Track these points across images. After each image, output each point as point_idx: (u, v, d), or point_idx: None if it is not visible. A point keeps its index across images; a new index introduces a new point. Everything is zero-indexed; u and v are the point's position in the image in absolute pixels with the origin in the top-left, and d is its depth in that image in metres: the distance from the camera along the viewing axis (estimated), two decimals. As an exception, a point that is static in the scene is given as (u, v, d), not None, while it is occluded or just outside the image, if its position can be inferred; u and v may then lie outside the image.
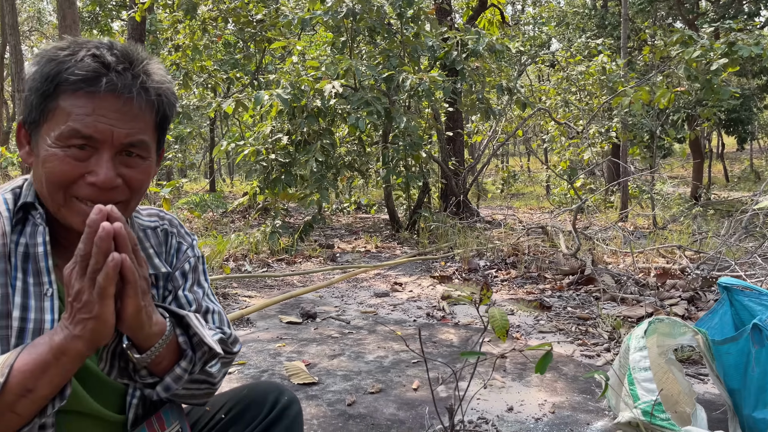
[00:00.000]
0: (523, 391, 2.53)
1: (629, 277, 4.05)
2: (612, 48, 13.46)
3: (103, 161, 0.94)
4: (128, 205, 1.01)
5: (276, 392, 1.31)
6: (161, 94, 1.01)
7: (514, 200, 15.99)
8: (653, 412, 1.80)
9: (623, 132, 10.48)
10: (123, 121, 0.95)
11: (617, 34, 14.48)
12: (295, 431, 1.32)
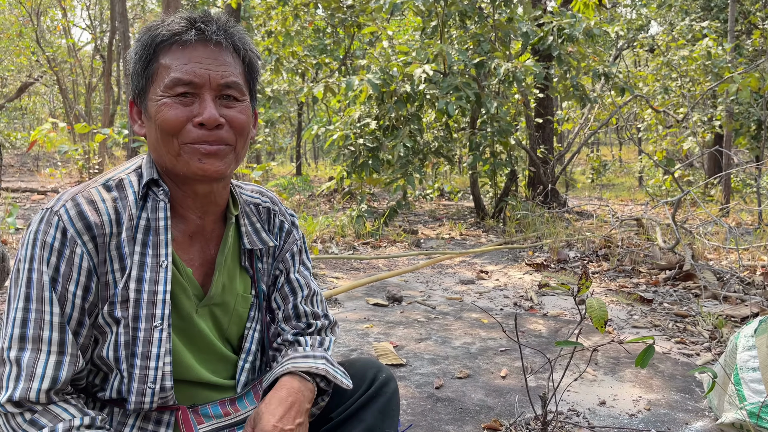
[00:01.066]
0: (616, 385, 2.46)
1: (733, 275, 3.82)
2: (718, 31, 12.61)
3: (207, 102, 1.02)
4: (236, 150, 1.08)
5: (375, 369, 1.34)
6: (246, 44, 1.09)
7: (604, 191, 15.40)
8: (760, 414, 1.70)
9: (728, 121, 9.83)
10: (216, 65, 1.03)
11: (724, 16, 13.53)
12: (392, 407, 1.35)
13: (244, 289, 1.18)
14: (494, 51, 6.41)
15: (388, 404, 1.33)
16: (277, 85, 12.37)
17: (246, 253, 1.19)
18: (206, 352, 1.14)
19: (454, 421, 2.10)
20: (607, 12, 11.21)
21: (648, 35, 13.60)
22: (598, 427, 2.09)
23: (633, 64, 20.23)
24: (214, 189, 1.10)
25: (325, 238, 5.61)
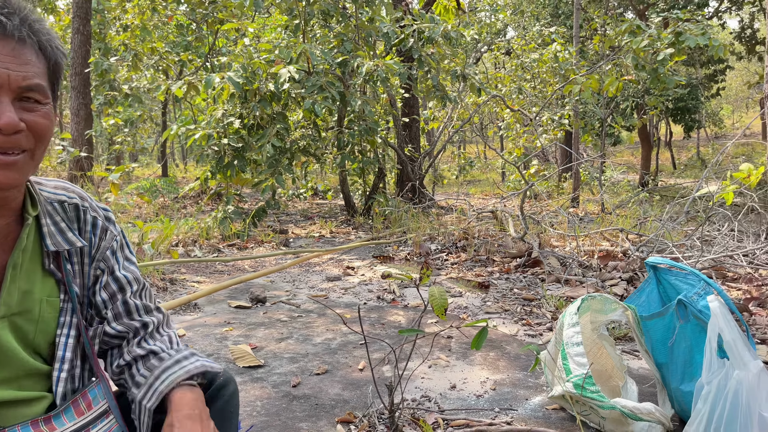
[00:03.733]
0: (466, 369, 2.59)
1: (574, 260, 4.17)
2: (565, 37, 13.70)
3: (4, 105, 0.93)
4: (34, 154, 0.99)
5: (211, 373, 1.32)
6: (52, 42, 1.01)
7: (470, 187, 16.19)
8: (584, 385, 1.87)
9: (575, 119, 10.71)
10: (17, 64, 0.94)
11: (570, 23, 14.74)
12: (230, 409, 1.33)
13: (49, 293, 1.10)
14: (357, 50, 6.50)
15: (226, 407, 1.32)
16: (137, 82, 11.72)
17: (50, 255, 1.11)
18: (9, 367, 1.05)
19: (309, 417, 2.11)
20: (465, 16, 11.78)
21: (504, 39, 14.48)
22: (447, 410, 2.20)
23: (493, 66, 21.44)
24: (8, 195, 1.02)
25: (187, 241, 5.40)
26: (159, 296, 3.73)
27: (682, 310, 1.92)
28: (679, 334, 1.94)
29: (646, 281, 2.24)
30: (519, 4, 15.32)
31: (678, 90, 11.54)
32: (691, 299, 1.91)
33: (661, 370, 2.06)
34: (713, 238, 4.31)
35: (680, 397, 1.95)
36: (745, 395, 1.56)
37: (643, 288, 2.23)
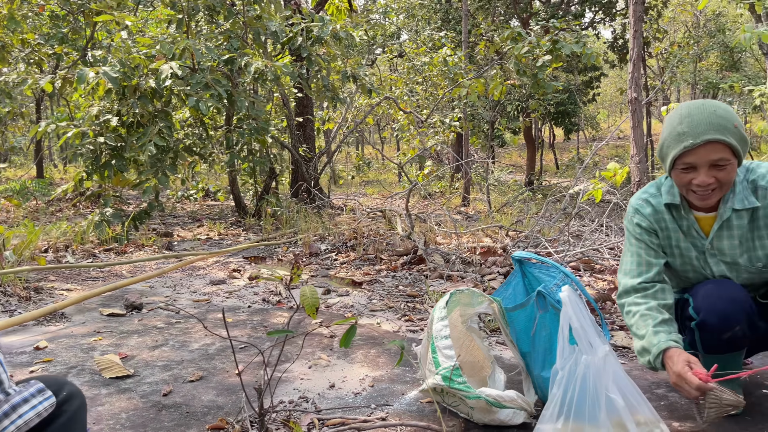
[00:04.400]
0: (347, 368, 2.60)
1: (457, 256, 4.31)
2: (455, 41, 14.16)
3: None
4: None
5: (56, 387, 1.25)
6: None
7: (368, 187, 16.33)
8: (452, 377, 1.93)
9: (464, 122, 11.09)
10: None
11: (460, 28, 15.28)
12: (75, 424, 1.27)
13: None
14: (245, 48, 6.36)
15: (70, 422, 1.25)
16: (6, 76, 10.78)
17: None
18: None
19: (178, 426, 2.02)
20: (358, 17, 11.87)
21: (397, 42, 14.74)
22: (324, 409, 2.19)
23: (388, 69, 21.80)
24: None
25: (59, 247, 5.04)
26: (21, 306, 3.45)
27: (542, 300, 2.03)
28: (539, 324, 2.05)
29: (512, 274, 2.35)
30: (412, 8, 15.65)
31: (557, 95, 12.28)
32: (551, 290, 2.03)
33: (525, 359, 2.16)
34: (583, 233, 4.60)
35: (542, 383, 2.06)
36: (592, 378, 1.67)
37: (510, 281, 2.34)
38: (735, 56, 15.98)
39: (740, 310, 1.84)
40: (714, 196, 1.87)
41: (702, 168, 1.81)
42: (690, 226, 1.99)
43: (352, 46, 16.40)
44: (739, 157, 1.83)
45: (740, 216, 1.91)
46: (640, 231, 2.04)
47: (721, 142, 1.77)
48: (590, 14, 16.75)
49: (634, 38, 5.39)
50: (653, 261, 2.01)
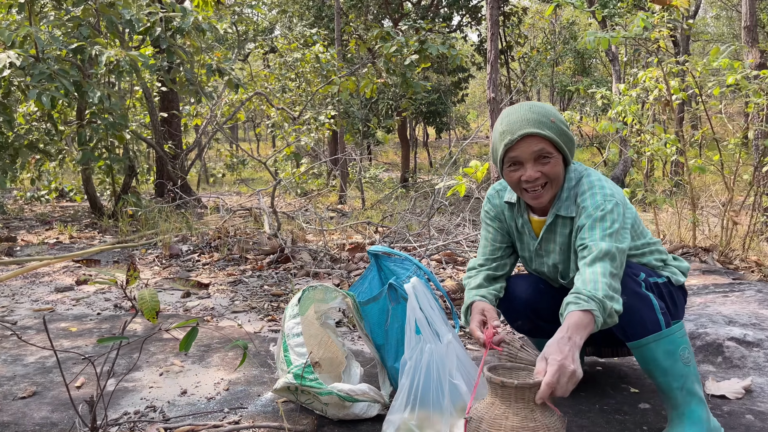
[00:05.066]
0: (201, 372, 2.48)
1: (326, 253, 4.29)
2: (328, 39, 14.16)
3: None
4: None
5: None
6: None
7: (243, 185, 15.90)
8: (303, 375, 1.90)
9: (339, 119, 11.12)
10: None
11: (333, 26, 15.28)
12: None
13: None
14: (96, 37, 5.91)
15: None
16: None
17: None
18: None
19: (0, 450, 1.83)
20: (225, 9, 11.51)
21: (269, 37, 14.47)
22: (173, 417, 2.07)
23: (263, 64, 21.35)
24: None
25: None
26: None
27: (393, 293, 2.05)
28: (392, 316, 2.08)
29: (368, 269, 2.36)
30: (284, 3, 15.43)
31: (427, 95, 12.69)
32: (402, 283, 2.06)
33: (380, 351, 2.18)
34: (447, 227, 4.76)
35: (395, 374, 2.09)
36: (436, 366, 1.71)
37: (366, 275, 2.35)
38: (586, 62, 17.39)
39: (521, 308, 2.10)
40: (545, 194, 1.88)
41: (527, 162, 1.83)
42: (524, 226, 2.06)
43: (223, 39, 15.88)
44: (562, 152, 1.86)
45: (564, 224, 1.94)
46: (489, 218, 2.15)
47: (538, 135, 1.80)
48: (458, 17, 17.45)
49: (491, 41, 5.67)
50: (498, 245, 2.13)
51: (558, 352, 1.50)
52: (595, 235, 1.77)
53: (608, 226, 1.78)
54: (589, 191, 1.87)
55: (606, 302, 1.63)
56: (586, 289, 1.65)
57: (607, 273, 1.70)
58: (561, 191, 1.93)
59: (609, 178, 2.01)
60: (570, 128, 1.97)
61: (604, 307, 1.63)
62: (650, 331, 1.77)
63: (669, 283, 1.97)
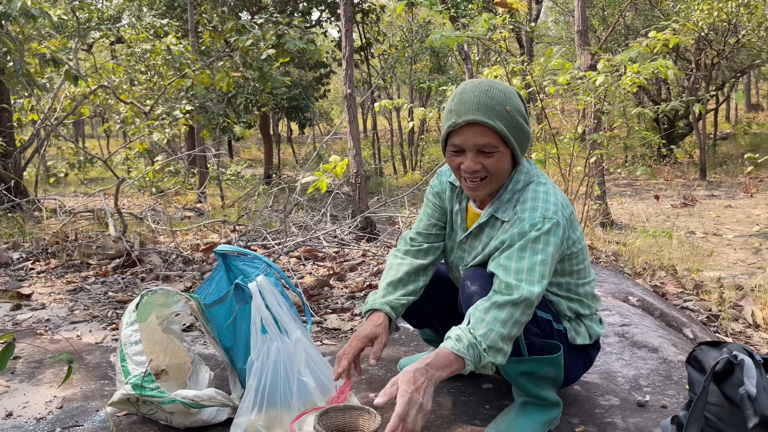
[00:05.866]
0: (31, 391, 2.26)
1: (178, 255, 4.09)
2: (182, 30, 13.50)
3: None
4: None
5: None
6: None
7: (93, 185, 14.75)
8: (143, 384, 1.79)
9: (195, 114, 10.65)
10: None
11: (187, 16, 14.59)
12: None
13: None
14: None
15: None
16: None
17: None
18: None
19: None
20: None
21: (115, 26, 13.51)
22: (-6, 445, 1.87)
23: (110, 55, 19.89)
24: None
25: None
26: None
27: (240, 293, 2.00)
28: (239, 316, 2.02)
29: (215, 269, 2.28)
30: (132, -9, 14.49)
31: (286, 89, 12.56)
32: (246, 282, 2.01)
33: (229, 354, 2.11)
34: (306, 223, 4.75)
35: (244, 376, 2.04)
36: (283, 365, 1.69)
37: (213, 276, 2.27)
38: (441, 60, 18.14)
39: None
40: (483, 188, 1.72)
41: (469, 152, 1.65)
42: (459, 213, 1.92)
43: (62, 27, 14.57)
44: (512, 147, 1.68)
45: (496, 226, 1.77)
46: (432, 194, 2.03)
47: (486, 126, 1.61)
48: (317, 13, 17.43)
49: (346, 37, 5.72)
50: (434, 222, 2.01)
51: (411, 383, 1.44)
52: (519, 266, 1.61)
53: (536, 262, 1.61)
54: (532, 202, 1.68)
55: (485, 356, 1.55)
56: (476, 332, 1.55)
57: (510, 322, 1.58)
58: (504, 191, 1.77)
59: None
60: (529, 120, 1.75)
61: (481, 358, 1.55)
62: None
63: (563, 335, 1.84)
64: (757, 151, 14.93)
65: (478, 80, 1.67)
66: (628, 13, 18.07)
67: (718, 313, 3.50)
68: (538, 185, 1.73)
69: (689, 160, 18.24)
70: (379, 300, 1.89)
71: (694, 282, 4.20)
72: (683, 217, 10.93)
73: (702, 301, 3.73)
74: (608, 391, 2.21)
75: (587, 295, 1.88)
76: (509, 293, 1.58)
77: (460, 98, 1.63)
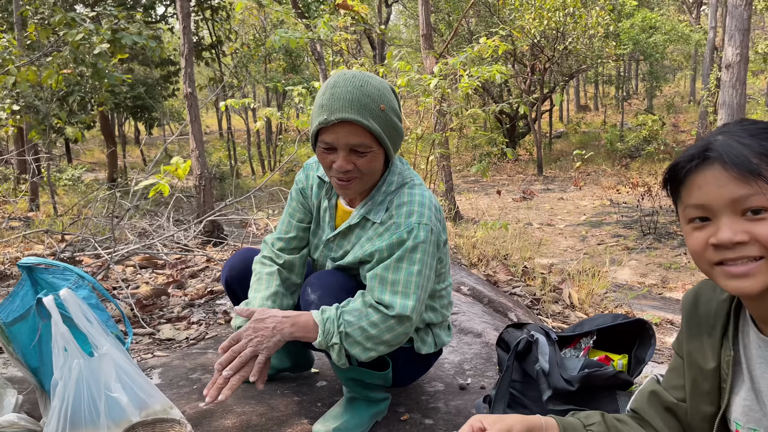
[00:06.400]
0: None
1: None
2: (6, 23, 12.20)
3: None
4: None
5: None
6: None
7: None
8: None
9: (23, 115, 9.68)
10: None
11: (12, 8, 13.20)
12: None
13: None
14: None
15: None
16: None
17: None
18: None
19: None
20: None
21: None
22: None
23: None
24: None
25: None
26: None
27: (43, 308, 1.84)
28: (45, 334, 1.87)
29: (19, 284, 2.08)
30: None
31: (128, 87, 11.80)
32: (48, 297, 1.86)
33: (36, 375, 1.95)
34: (144, 229, 4.50)
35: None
36: (86, 382, 1.59)
37: (17, 292, 2.07)
38: (296, 60, 18.07)
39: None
40: (353, 187, 1.66)
41: (341, 151, 1.57)
42: (327, 210, 1.83)
43: None
44: (385, 147, 1.63)
45: (365, 226, 1.73)
46: (296, 191, 1.90)
47: (359, 125, 1.54)
48: (162, 8, 16.58)
49: (184, 34, 5.50)
50: (295, 223, 1.89)
51: (260, 321, 1.55)
52: (396, 278, 1.61)
53: (413, 273, 1.61)
54: (407, 206, 1.66)
55: (335, 337, 1.58)
56: (344, 315, 1.58)
57: (380, 326, 1.59)
58: (377, 193, 1.72)
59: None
60: (401, 117, 1.69)
61: (331, 338, 1.58)
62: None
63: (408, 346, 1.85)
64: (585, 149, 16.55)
65: (351, 73, 1.58)
66: (472, 18, 19.20)
67: (540, 297, 3.83)
68: (412, 188, 1.70)
69: (529, 157, 19.79)
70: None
71: (524, 269, 4.56)
72: (522, 209, 11.84)
73: (528, 286, 4.05)
74: (435, 377, 2.33)
75: (442, 300, 1.90)
76: (385, 308, 1.60)
77: (333, 93, 1.54)
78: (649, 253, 8.43)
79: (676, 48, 25.20)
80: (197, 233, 4.86)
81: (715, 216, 0.98)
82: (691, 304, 1.21)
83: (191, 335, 2.86)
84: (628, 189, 11.24)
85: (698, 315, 1.19)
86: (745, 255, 0.96)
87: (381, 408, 1.96)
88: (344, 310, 1.60)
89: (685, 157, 1.02)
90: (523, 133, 20.61)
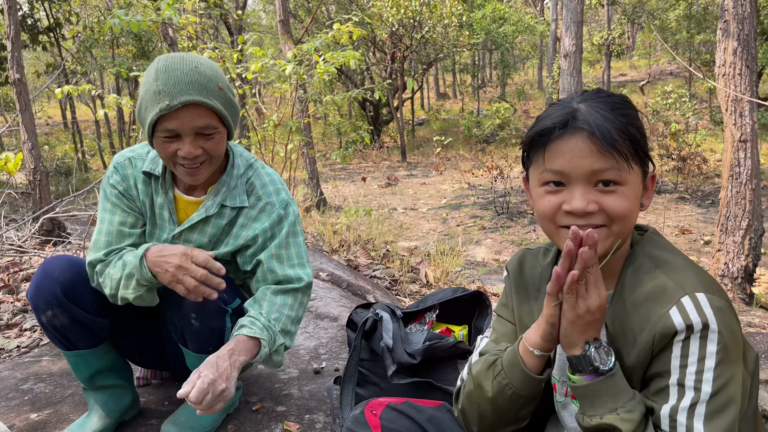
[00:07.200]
0: None
1: None
2: None
3: None
4: None
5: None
6: None
7: None
8: None
9: None
10: None
11: None
12: None
13: None
14: None
15: None
16: None
17: None
18: None
19: None
20: None
21: None
22: None
23: None
24: None
25: None
26: None
27: None
28: None
29: None
30: None
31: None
32: None
33: None
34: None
35: None
36: None
37: None
38: (146, 45, 16.99)
39: (56, 291, 1.61)
40: (203, 171, 1.59)
41: (187, 137, 1.51)
42: (165, 206, 1.71)
43: None
44: (228, 126, 1.59)
45: (222, 214, 1.69)
46: (115, 196, 1.69)
47: (205, 106, 1.49)
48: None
49: (9, 14, 4.97)
50: (128, 231, 1.69)
51: (214, 369, 1.44)
52: (289, 253, 1.72)
53: (300, 244, 1.75)
54: (271, 185, 1.74)
55: (278, 337, 1.63)
56: (269, 316, 1.63)
57: (296, 305, 1.70)
58: (228, 177, 1.69)
59: None
60: (235, 94, 1.65)
61: (275, 341, 1.62)
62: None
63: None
64: (445, 135, 17.24)
65: (178, 56, 1.51)
66: (332, 5, 19.18)
67: (399, 278, 3.94)
68: (263, 167, 1.77)
69: (393, 144, 20.24)
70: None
71: (385, 253, 4.67)
72: (387, 195, 12.11)
73: (388, 269, 4.16)
74: (290, 365, 2.33)
75: None
76: (295, 282, 1.69)
77: (168, 77, 1.45)
78: (502, 231, 8.98)
79: (524, 38, 26.96)
80: (33, 232, 4.44)
81: (570, 183, 1.03)
82: (516, 270, 1.29)
83: (23, 343, 2.61)
84: (483, 172, 11.88)
85: (524, 281, 1.27)
86: (592, 223, 1.03)
87: (233, 400, 1.92)
88: (266, 313, 1.64)
89: (550, 122, 1.04)
90: (387, 121, 21.04)
